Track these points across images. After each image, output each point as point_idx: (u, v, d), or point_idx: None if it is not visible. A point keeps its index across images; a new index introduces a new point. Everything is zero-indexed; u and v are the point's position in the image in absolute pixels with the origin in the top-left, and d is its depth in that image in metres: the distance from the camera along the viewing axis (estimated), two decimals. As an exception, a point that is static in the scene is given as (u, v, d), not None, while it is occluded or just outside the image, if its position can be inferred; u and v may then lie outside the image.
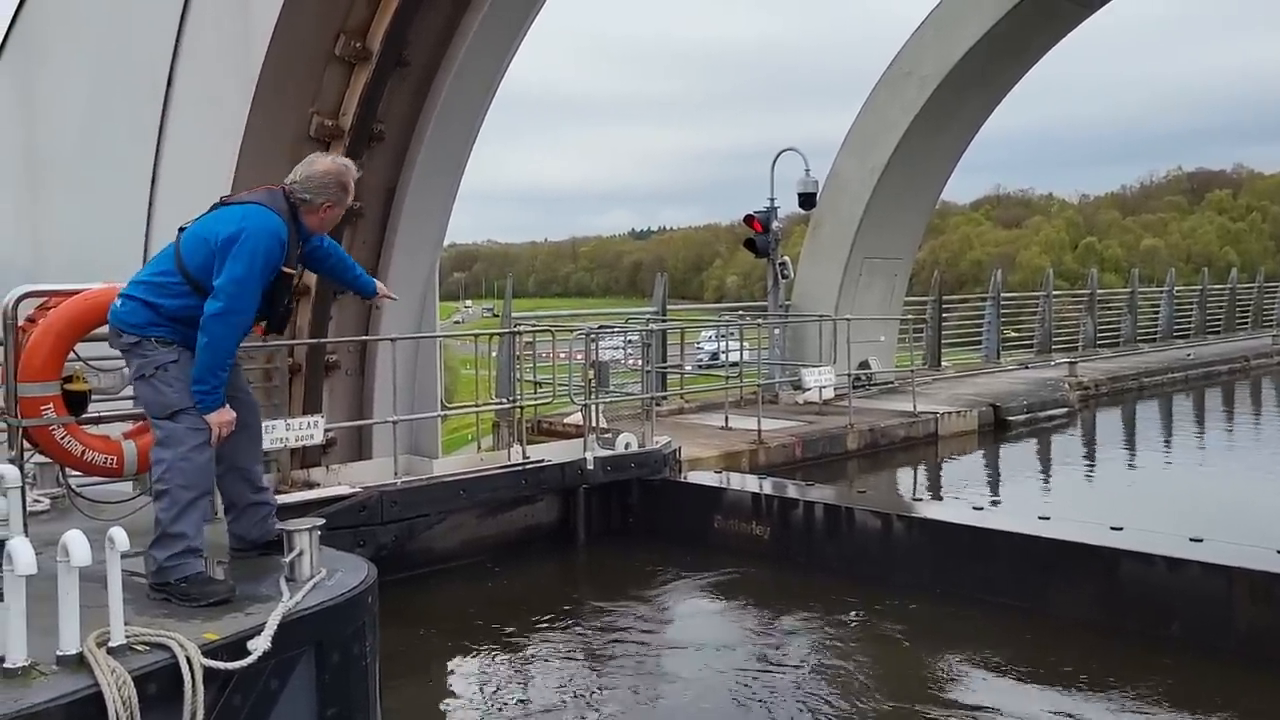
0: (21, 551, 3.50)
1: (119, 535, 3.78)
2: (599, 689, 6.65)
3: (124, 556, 3.83)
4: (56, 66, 10.66)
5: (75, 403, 5.56)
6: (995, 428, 15.82)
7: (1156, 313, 29.80)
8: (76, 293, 5.60)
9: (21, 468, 5.19)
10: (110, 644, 3.73)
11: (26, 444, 5.45)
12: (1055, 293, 25.74)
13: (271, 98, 9.05)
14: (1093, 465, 14.53)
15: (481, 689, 6.73)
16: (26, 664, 3.59)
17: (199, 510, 4.65)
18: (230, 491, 5.18)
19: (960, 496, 11.99)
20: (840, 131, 18.07)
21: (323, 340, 9.89)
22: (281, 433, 8.18)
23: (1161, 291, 30.49)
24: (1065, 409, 17.36)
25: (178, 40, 9.22)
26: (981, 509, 9.65)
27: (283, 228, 4.79)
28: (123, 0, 10.08)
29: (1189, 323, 30.69)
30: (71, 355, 5.58)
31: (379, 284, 5.79)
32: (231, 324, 4.67)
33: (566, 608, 8.18)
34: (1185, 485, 13.30)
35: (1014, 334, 25.95)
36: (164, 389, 4.74)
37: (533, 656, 7.20)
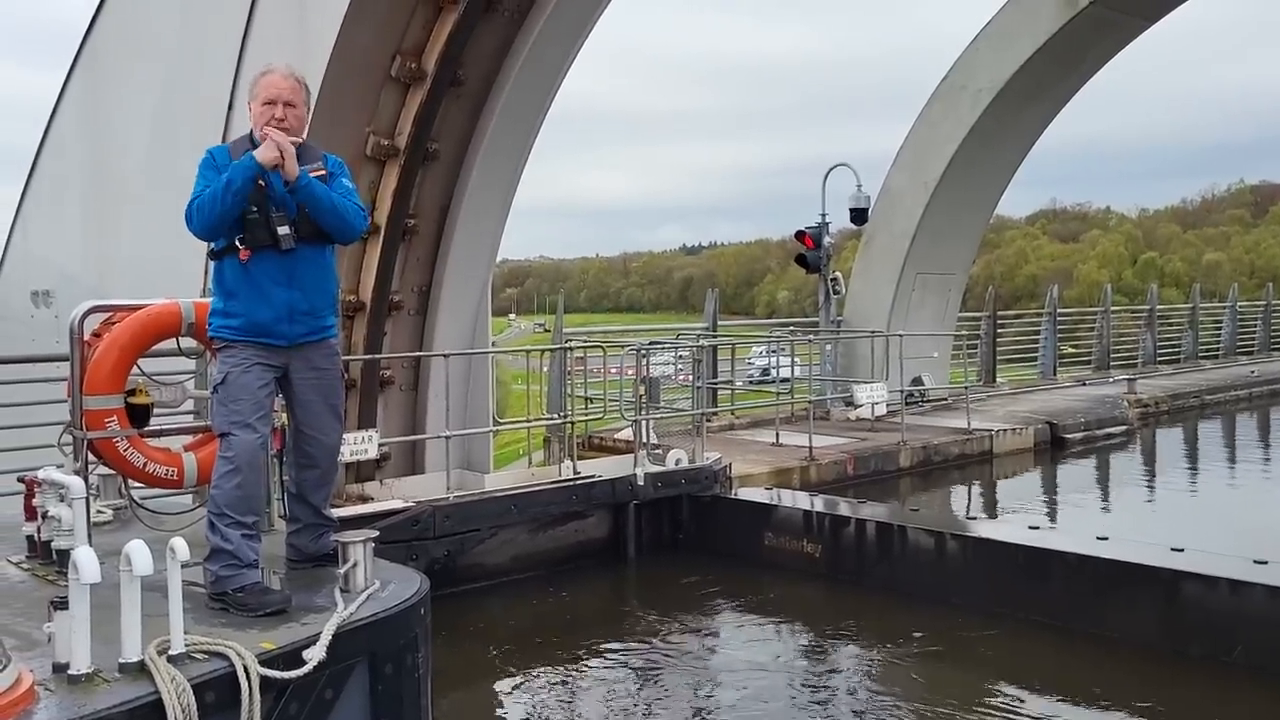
0: (86, 561, 3.58)
1: (179, 546, 3.86)
2: (649, 707, 6.64)
3: (184, 566, 3.92)
4: (123, 89, 10.97)
5: (138, 415, 5.69)
6: (1052, 446, 15.56)
7: (1219, 328, 29.13)
8: (140, 308, 5.74)
9: (86, 479, 5.32)
10: (170, 652, 3.81)
11: (91, 456, 5.58)
12: (1114, 308, 25.30)
13: (329, 118, 9.23)
14: (1153, 485, 14.24)
15: (532, 704, 6.74)
16: (90, 671, 3.67)
17: (239, 529, 4.70)
18: (296, 511, 5.33)
19: (1016, 515, 11.81)
20: (893, 146, 17.96)
21: (377, 356, 10.03)
22: (337, 447, 8.27)
23: (1224, 307, 29.81)
24: (1124, 427, 17.04)
25: (239, 63, 9.45)
26: (1038, 528, 9.48)
27: (217, 149, 5.01)
28: (187, 24, 10.35)
29: (1253, 339, 29.96)
30: (135, 369, 5.71)
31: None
32: (187, 214, 4.77)
33: (616, 624, 8.18)
34: (1249, 506, 12.97)
35: (1071, 350, 25.52)
36: (212, 407, 4.96)
37: (583, 673, 7.22)
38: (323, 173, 5.02)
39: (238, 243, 4.79)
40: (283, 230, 4.80)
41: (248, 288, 4.83)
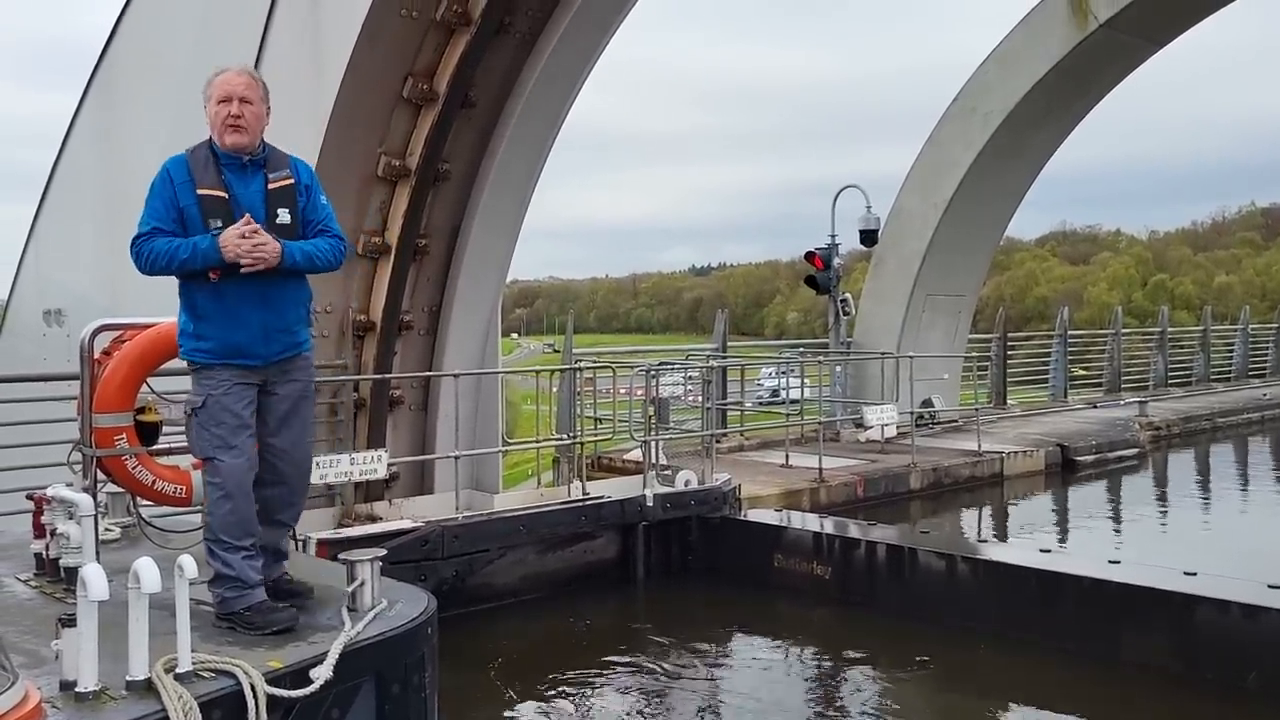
0: (94, 578, 3.59)
1: (188, 563, 3.86)
2: (657, 727, 6.60)
3: (192, 584, 3.92)
4: (137, 110, 11.04)
5: (147, 433, 5.72)
6: (1063, 468, 15.48)
7: (1230, 351, 29.01)
8: (149, 326, 5.77)
9: (95, 497, 5.33)
10: (178, 670, 3.81)
11: (100, 473, 5.59)
12: (1124, 330, 25.22)
13: (341, 139, 9.29)
14: (1165, 508, 14.14)
15: (539, 725, 6.71)
16: (97, 688, 3.67)
17: (238, 553, 4.62)
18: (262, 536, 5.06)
19: (1027, 539, 11.74)
20: (903, 167, 18.01)
21: (387, 375, 10.04)
22: (345, 466, 8.29)
23: (1235, 329, 29.70)
24: (1135, 449, 16.94)
25: (252, 84, 9.50)
26: (1049, 551, 9.42)
27: (175, 160, 4.77)
28: (201, 46, 10.43)
29: (1265, 361, 29.83)
30: (144, 387, 5.73)
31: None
32: (134, 249, 4.67)
33: (625, 646, 8.14)
34: (1262, 530, 12.88)
35: (1082, 372, 25.42)
36: (191, 434, 4.79)
37: (591, 694, 7.17)
38: (289, 181, 4.86)
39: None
40: (248, 219, 4.61)
41: (219, 310, 4.67)
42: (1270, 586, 7.34)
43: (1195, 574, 7.74)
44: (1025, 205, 19.08)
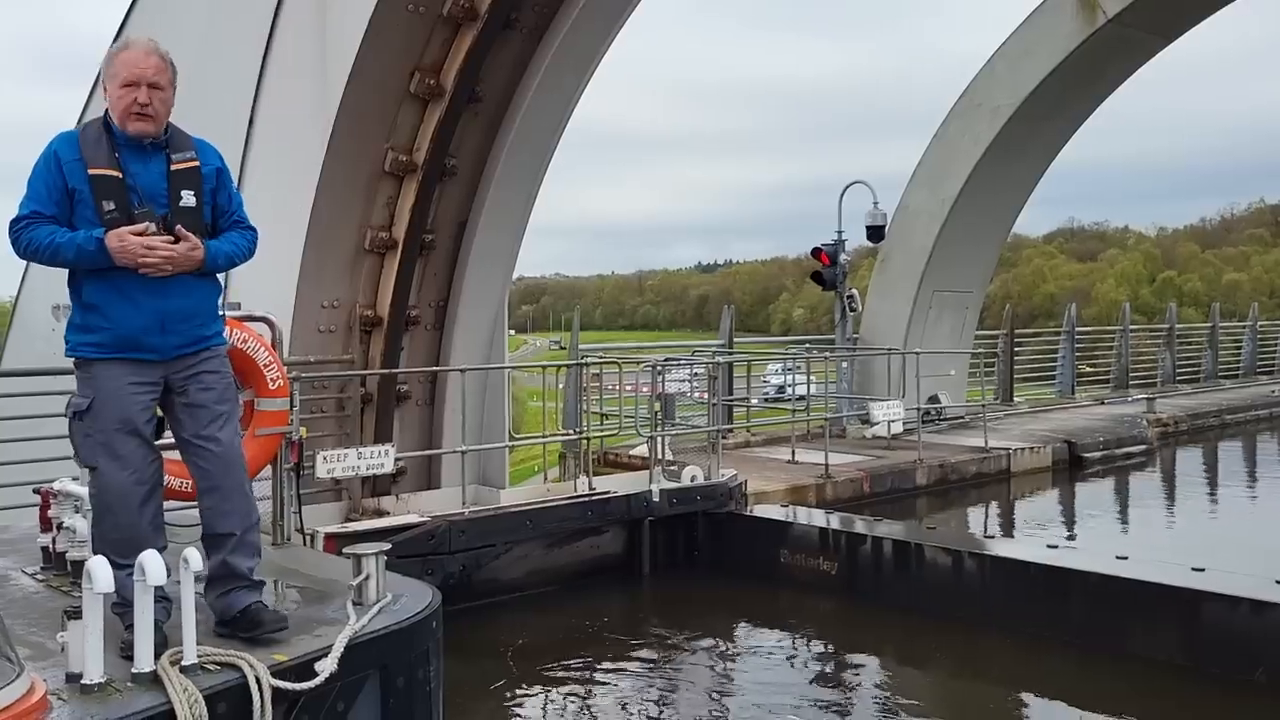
0: (100, 571, 3.59)
1: (193, 556, 3.87)
2: (663, 722, 6.60)
3: (198, 578, 3.92)
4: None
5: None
6: (1070, 465, 15.44)
7: (1239, 348, 28.94)
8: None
9: (102, 491, 5.33)
10: (183, 663, 3.81)
11: (107, 468, 5.59)
12: (1132, 327, 25.14)
13: (348, 134, 9.28)
14: (1173, 505, 14.11)
15: None
16: (103, 681, 3.68)
17: (122, 571, 3.88)
18: (209, 556, 4.38)
19: (1034, 534, 11.71)
20: (909, 164, 17.94)
21: (394, 370, 10.05)
22: (353, 461, 8.30)
23: (1244, 326, 29.63)
24: (1143, 446, 16.90)
25: (259, 80, 9.51)
26: (1056, 547, 9.40)
27: (63, 138, 4.26)
28: (207, 42, 10.43)
29: (1273, 358, 29.74)
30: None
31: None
32: (11, 234, 4.17)
33: (631, 641, 8.14)
34: (1271, 526, 12.84)
35: (1089, 369, 25.36)
36: (76, 439, 4.26)
37: (596, 689, 7.18)
38: (194, 163, 4.35)
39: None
40: (149, 228, 4.12)
41: (110, 296, 4.13)
42: (1278, 582, 7.32)
43: (1203, 569, 7.72)
44: (1033, 202, 19.02)
